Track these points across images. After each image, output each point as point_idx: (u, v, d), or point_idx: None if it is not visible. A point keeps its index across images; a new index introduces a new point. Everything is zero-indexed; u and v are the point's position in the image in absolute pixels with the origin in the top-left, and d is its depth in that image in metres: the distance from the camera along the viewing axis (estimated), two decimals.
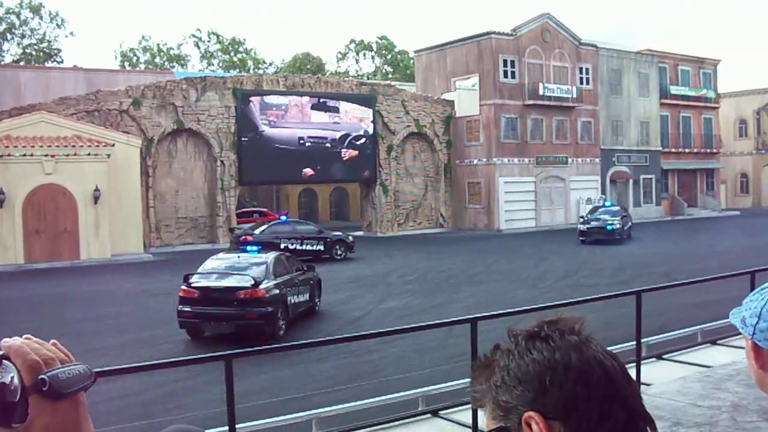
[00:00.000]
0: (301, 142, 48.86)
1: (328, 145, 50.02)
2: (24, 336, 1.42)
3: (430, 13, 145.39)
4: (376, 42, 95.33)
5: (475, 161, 54.82)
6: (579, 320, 1.48)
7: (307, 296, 20.84)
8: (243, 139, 46.67)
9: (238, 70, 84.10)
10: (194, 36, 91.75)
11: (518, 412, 1.39)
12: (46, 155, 36.55)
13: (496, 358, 1.47)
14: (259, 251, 20.42)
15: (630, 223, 45.31)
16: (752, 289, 2.06)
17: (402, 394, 10.93)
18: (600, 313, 14.97)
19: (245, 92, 46.99)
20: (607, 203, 49.03)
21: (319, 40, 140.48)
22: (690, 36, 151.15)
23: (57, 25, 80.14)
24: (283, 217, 39.13)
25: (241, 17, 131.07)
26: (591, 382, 1.35)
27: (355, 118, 51.35)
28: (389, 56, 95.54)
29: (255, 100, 47.30)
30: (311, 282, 21.53)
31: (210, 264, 19.52)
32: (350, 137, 51.05)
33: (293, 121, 48.79)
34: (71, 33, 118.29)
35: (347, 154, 50.80)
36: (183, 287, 18.18)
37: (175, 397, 13.00)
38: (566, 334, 1.43)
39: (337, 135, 50.46)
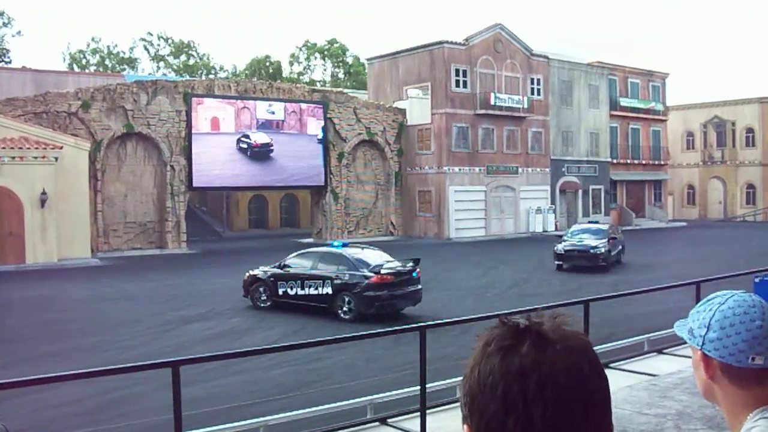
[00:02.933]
0: (252, 148, 48.58)
1: (279, 151, 49.78)
2: None
3: (383, 21, 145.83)
4: (327, 46, 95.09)
5: (426, 169, 54.96)
6: (550, 327, 1.37)
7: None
8: (193, 143, 46.31)
9: (189, 74, 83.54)
10: (144, 40, 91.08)
11: (462, 416, 1.39)
12: None
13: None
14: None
15: (620, 247, 36.42)
16: (698, 299, 2.10)
17: (350, 402, 10.91)
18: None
19: (196, 97, 46.67)
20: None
21: (273, 45, 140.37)
22: (639, 49, 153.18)
23: (4, 23, 78.95)
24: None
25: (195, 20, 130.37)
26: (506, 420, 1.28)
27: (305, 126, 51.24)
28: (340, 61, 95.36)
29: (206, 105, 47.00)
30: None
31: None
32: (300, 144, 50.93)
33: (244, 127, 48.53)
34: (19, 32, 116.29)
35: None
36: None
37: (122, 403, 12.85)
38: (517, 347, 1.32)
39: (288, 141, 50.26)
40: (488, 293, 26.39)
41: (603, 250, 33.19)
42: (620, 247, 36.20)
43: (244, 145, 48.29)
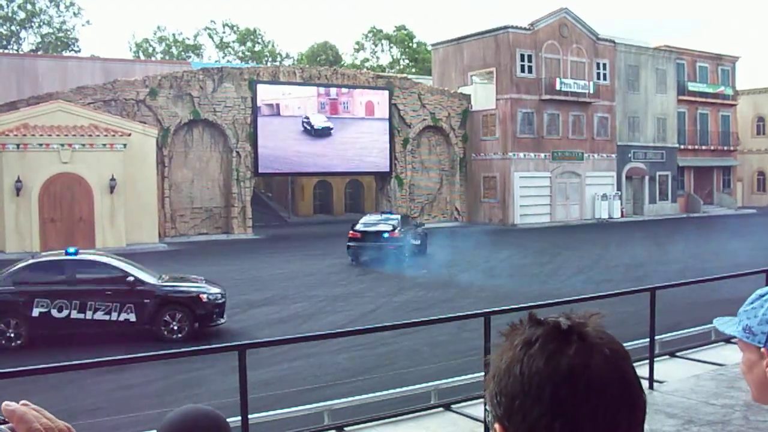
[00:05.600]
0: (317, 133, 48.80)
1: (344, 136, 49.93)
2: (21, 402, 1.34)
3: (448, 6, 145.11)
4: (394, 32, 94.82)
5: (491, 155, 54.72)
6: (593, 329, 1.34)
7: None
8: (258, 130, 46.66)
9: (255, 61, 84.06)
10: (209, 28, 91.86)
11: (493, 415, 1.35)
12: (63, 144, 36.71)
13: (503, 343, 1.38)
14: None
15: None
16: None
17: (414, 387, 10.93)
18: (612, 309, 14.93)
19: (261, 83, 47.00)
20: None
21: (337, 30, 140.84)
22: (709, 33, 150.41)
23: (74, 13, 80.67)
24: None
25: (259, 6, 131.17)
26: (553, 424, 1.25)
27: (369, 113, 51.36)
28: (407, 47, 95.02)
29: (271, 92, 47.30)
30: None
31: None
32: (365, 129, 51.03)
33: (310, 113, 48.77)
34: (88, 22, 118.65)
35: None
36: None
37: (189, 386, 13.05)
38: (564, 349, 1.29)
39: (353, 127, 50.39)
40: (553, 279, 26.24)
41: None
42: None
43: (308, 127, 48.52)
